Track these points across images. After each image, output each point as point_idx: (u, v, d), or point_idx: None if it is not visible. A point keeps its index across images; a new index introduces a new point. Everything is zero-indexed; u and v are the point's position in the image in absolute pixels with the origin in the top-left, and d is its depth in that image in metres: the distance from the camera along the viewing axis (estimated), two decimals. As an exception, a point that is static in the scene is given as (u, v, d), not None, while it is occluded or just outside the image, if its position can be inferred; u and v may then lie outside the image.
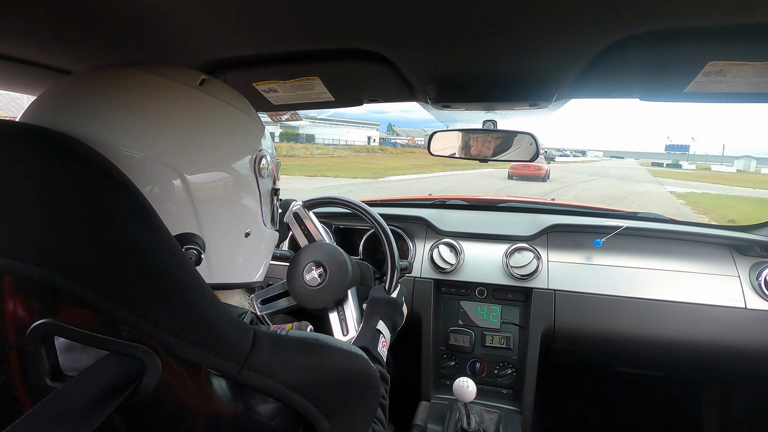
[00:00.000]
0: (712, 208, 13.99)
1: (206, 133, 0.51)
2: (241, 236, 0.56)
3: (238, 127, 0.56)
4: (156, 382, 0.37)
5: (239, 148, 0.55)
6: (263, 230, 0.61)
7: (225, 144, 0.53)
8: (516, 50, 0.73)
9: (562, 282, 1.35)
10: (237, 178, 0.54)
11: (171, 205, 0.47)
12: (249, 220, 0.57)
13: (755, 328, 1.20)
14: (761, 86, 0.75)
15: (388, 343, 0.98)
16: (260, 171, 0.58)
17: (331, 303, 1.16)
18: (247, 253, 0.59)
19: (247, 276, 0.60)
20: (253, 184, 0.57)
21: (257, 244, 0.60)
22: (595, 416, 1.90)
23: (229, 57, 0.83)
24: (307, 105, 1.07)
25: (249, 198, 0.57)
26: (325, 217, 1.63)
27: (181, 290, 0.38)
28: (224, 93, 0.56)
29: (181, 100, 0.50)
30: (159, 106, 0.48)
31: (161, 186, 0.46)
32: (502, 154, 1.15)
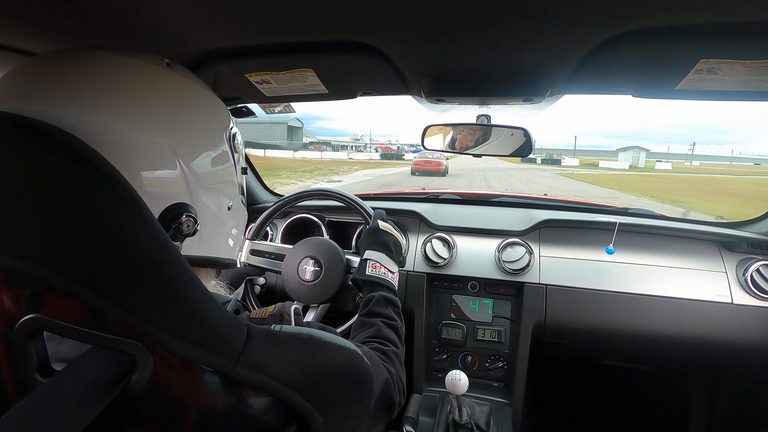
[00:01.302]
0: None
1: (187, 108, 0.53)
2: (225, 209, 0.59)
3: (211, 104, 0.58)
4: (148, 378, 0.36)
5: (216, 123, 0.58)
6: (240, 205, 0.64)
7: (204, 119, 0.56)
8: (511, 45, 0.73)
9: (554, 277, 1.36)
10: (220, 150, 0.57)
11: (165, 179, 0.48)
12: (230, 193, 0.60)
13: (741, 323, 1.22)
14: (751, 85, 0.76)
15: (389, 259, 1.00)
16: (235, 147, 0.61)
17: (325, 299, 1.16)
18: (229, 226, 0.61)
19: (230, 252, 0.62)
20: (230, 158, 0.60)
21: (237, 218, 0.63)
22: (584, 408, 1.93)
23: (221, 47, 0.82)
24: (300, 97, 1.06)
25: (229, 171, 0.59)
26: (318, 211, 1.63)
27: (173, 285, 0.38)
28: (189, 74, 0.57)
29: (157, 78, 0.52)
30: (139, 84, 0.49)
31: (154, 161, 0.47)
32: (494, 149, 1.16)
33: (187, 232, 0.50)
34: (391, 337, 0.81)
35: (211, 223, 0.56)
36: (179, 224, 0.49)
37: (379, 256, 0.99)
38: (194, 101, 0.55)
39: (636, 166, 56.20)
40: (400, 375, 0.74)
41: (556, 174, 30.47)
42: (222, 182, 0.58)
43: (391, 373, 0.70)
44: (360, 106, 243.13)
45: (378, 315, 0.86)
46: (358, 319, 0.88)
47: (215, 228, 0.57)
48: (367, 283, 0.94)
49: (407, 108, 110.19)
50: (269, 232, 1.64)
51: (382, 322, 0.84)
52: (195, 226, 0.50)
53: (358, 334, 0.83)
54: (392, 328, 0.84)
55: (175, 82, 0.53)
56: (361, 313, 0.89)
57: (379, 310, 0.87)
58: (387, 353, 0.75)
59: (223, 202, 0.58)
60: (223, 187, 0.58)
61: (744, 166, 73.29)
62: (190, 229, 0.50)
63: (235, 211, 0.62)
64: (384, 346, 0.77)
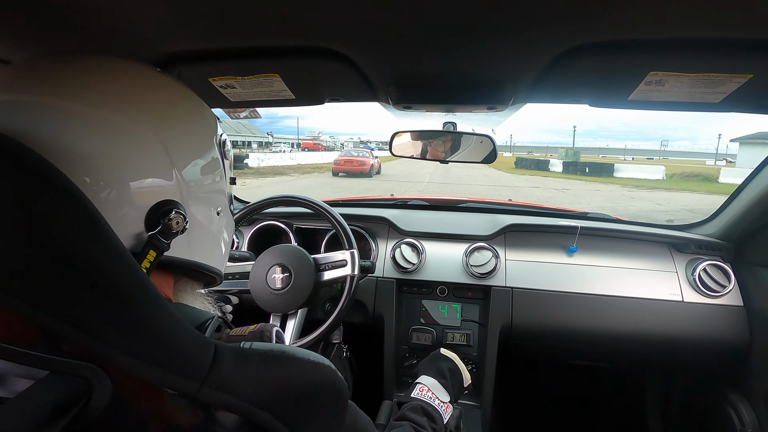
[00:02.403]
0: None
1: (181, 111, 0.53)
2: (214, 214, 0.58)
3: (203, 111, 0.58)
4: (105, 402, 0.34)
5: (208, 131, 0.57)
6: (228, 213, 0.63)
7: (197, 122, 0.55)
8: (475, 55, 0.75)
9: (519, 280, 1.40)
10: (211, 155, 0.56)
11: (155, 176, 0.47)
12: (220, 199, 0.59)
13: (690, 319, 1.30)
14: (695, 96, 0.82)
15: (441, 388, 0.96)
16: (225, 154, 0.60)
17: (293, 308, 1.14)
18: (216, 233, 0.59)
19: (216, 261, 0.60)
20: (220, 164, 0.59)
21: (225, 225, 0.61)
22: (550, 406, 1.98)
23: (183, 50, 0.80)
24: (266, 102, 1.05)
25: (219, 177, 0.58)
26: (286, 217, 1.60)
27: (133, 303, 0.36)
28: (178, 80, 0.57)
29: (150, 79, 0.51)
30: (137, 85, 0.49)
31: (145, 159, 0.46)
32: (460, 155, 1.18)
33: (177, 230, 0.48)
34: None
35: (200, 225, 0.54)
36: (169, 220, 0.47)
37: (431, 383, 0.94)
38: (187, 105, 0.55)
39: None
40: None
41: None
42: (212, 187, 0.57)
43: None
44: (329, 105, 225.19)
45: (409, 419, 0.82)
46: (390, 423, 0.84)
47: (204, 231, 0.56)
48: (407, 405, 0.89)
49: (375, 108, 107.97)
50: (235, 239, 1.60)
51: (411, 426, 0.80)
52: (185, 224, 0.48)
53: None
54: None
55: (171, 85, 0.54)
56: (393, 417, 0.85)
57: (411, 415, 0.83)
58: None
59: (213, 207, 0.57)
60: (213, 193, 0.57)
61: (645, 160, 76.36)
62: (179, 226, 0.48)
63: (224, 216, 0.60)
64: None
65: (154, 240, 0.46)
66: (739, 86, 0.77)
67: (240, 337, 0.50)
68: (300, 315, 1.16)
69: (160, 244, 0.46)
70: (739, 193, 1.31)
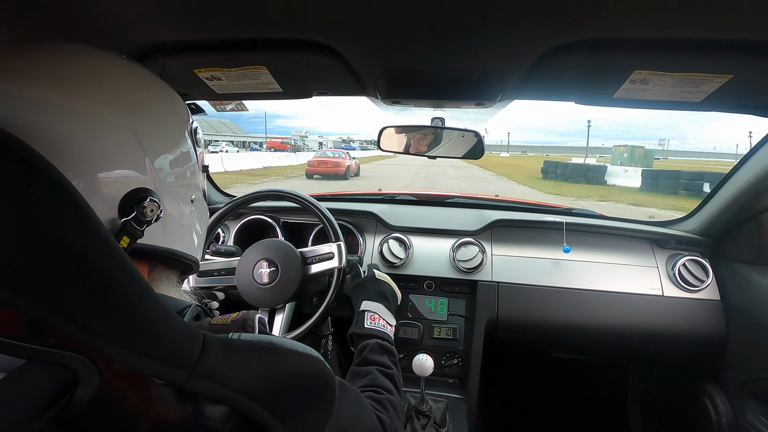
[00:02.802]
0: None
1: (152, 100, 0.53)
2: (188, 201, 0.58)
3: (173, 99, 0.58)
4: (92, 393, 0.34)
5: (180, 120, 0.57)
6: (202, 199, 0.63)
7: (169, 111, 0.55)
8: (464, 51, 0.76)
9: (505, 274, 1.41)
10: (183, 143, 0.56)
11: (129, 165, 0.47)
12: (193, 186, 0.59)
13: (670, 313, 1.33)
14: (677, 95, 0.84)
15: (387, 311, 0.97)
16: (197, 142, 0.60)
17: (281, 303, 1.14)
18: (191, 221, 0.59)
19: (192, 248, 0.60)
20: (193, 152, 0.59)
21: (199, 213, 0.62)
22: (534, 400, 2.02)
23: (168, 41, 0.78)
24: (253, 95, 1.04)
25: (193, 164, 0.58)
26: (272, 212, 1.59)
27: (120, 292, 0.35)
28: (145, 68, 0.57)
29: (123, 68, 0.51)
30: (109, 73, 0.49)
31: (118, 146, 0.45)
32: (448, 151, 1.18)
33: (151, 217, 0.47)
34: (386, 385, 0.78)
35: (175, 213, 0.54)
36: (143, 208, 0.46)
37: (377, 307, 0.95)
38: (159, 93, 0.55)
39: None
40: (395, 425, 0.71)
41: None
42: (186, 176, 0.56)
43: (384, 423, 0.67)
44: (321, 105, 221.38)
45: (373, 363, 0.83)
46: (351, 369, 0.84)
47: (179, 220, 0.56)
48: (362, 336, 0.91)
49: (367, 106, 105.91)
50: (221, 234, 1.58)
51: (377, 370, 0.81)
52: (159, 212, 0.48)
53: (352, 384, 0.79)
54: (388, 376, 0.81)
55: (143, 74, 0.53)
56: (355, 363, 0.85)
57: (374, 357, 0.84)
58: (381, 402, 0.72)
59: (188, 193, 0.57)
60: (187, 181, 0.57)
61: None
62: (153, 213, 0.47)
63: (198, 204, 0.60)
64: (378, 395, 0.74)
65: (128, 226, 0.45)
66: (720, 86, 0.79)
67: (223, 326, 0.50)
68: (288, 309, 1.16)
69: (134, 230, 0.46)
70: (717, 191, 1.35)
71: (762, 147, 1.15)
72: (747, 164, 1.21)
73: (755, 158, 1.18)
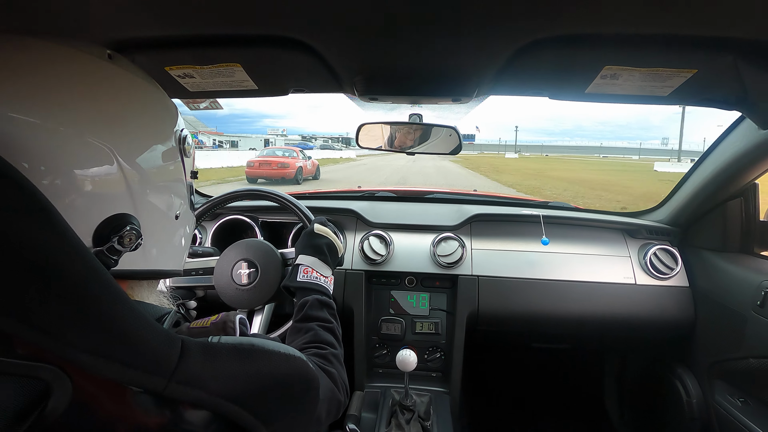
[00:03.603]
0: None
1: (131, 108, 0.48)
2: (172, 218, 0.54)
3: (158, 103, 0.53)
4: (66, 404, 0.33)
5: (164, 125, 0.53)
6: (189, 213, 0.60)
7: (150, 120, 0.51)
8: (439, 46, 0.76)
9: (485, 268, 1.44)
10: (168, 155, 0.52)
11: (104, 186, 0.43)
12: (179, 201, 0.56)
13: (642, 300, 1.38)
14: (646, 89, 0.87)
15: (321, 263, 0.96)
16: (185, 151, 0.56)
17: (260, 304, 1.12)
18: (177, 236, 0.57)
19: (175, 263, 0.57)
20: (179, 164, 0.55)
21: (185, 227, 0.59)
22: (515, 389, 2.06)
23: (136, 37, 0.76)
24: (228, 93, 1.01)
25: (178, 178, 0.55)
26: (251, 211, 1.57)
27: (93, 300, 0.34)
28: (134, 68, 0.52)
29: (97, 72, 0.46)
30: (72, 76, 0.44)
31: (88, 165, 0.42)
32: (425, 147, 1.19)
33: (129, 246, 0.45)
34: (328, 339, 0.79)
35: (156, 233, 0.51)
36: (120, 237, 0.44)
37: (311, 261, 0.95)
38: (140, 100, 0.50)
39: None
40: (342, 376, 0.73)
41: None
42: (169, 190, 0.53)
43: (333, 376, 0.69)
44: (310, 105, 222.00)
45: (313, 319, 0.84)
46: (292, 325, 0.85)
47: (160, 240, 0.53)
48: (299, 289, 0.91)
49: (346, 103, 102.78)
50: (198, 235, 1.55)
51: (318, 326, 0.82)
52: (138, 240, 0.46)
53: (294, 341, 0.80)
54: (329, 330, 0.82)
55: (120, 78, 0.48)
56: (295, 319, 0.86)
57: (314, 313, 0.85)
58: (326, 356, 0.74)
59: (171, 211, 0.54)
60: (171, 195, 0.53)
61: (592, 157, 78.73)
62: (132, 243, 0.45)
63: (183, 219, 0.57)
64: (322, 350, 0.75)
65: (100, 256, 0.43)
66: (685, 80, 0.82)
67: (202, 330, 0.49)
68: (267, 310, 1.14)
69: (107, 260, 0.44)
70: (684, 182, 1.40)
71: (724, 139, 1.20)
72: (711, 156, 1.26)
73: (719, 150, 1.23)
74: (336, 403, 0.66)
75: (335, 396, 0.66)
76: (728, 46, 0.72)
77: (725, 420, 1.20)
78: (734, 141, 1.16)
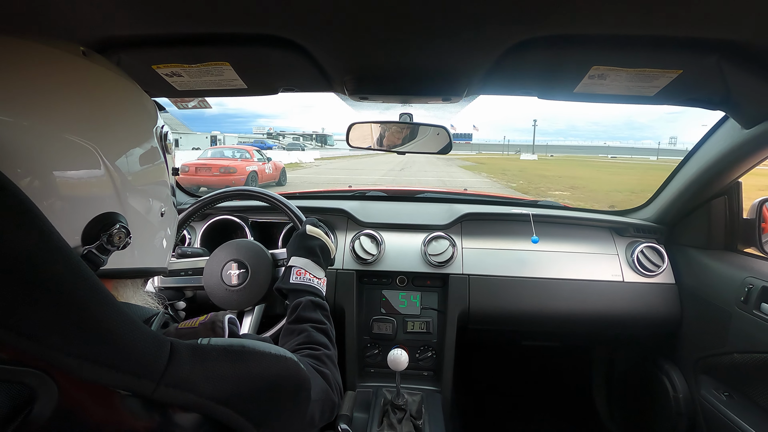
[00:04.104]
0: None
1: (113, 106, 0.48)
2: (158, 216, 0.54)
3: (139, 101, 0.53)
4: (51, 410, 0.32)
5: (144, 122, 0.53)
6: (173, 210, 0.60)
7: (130, 117, 0.51)
8: (430, 47, 0.76)
9: (475, 267, 1.44)
10: (150, 150, 0.52)
11: (91, 186, 0.43)
12: (164, 198, 0.55)
13: (630, 297, 1.40)
14: (633, 89, 0.88)
15: (315, 265, 0.96)
16: (167, 147, 0.56)
17: (249, 305, 1.11)
18: (162, 233, 0.56)
19: (161, 260, 0.57)
20: (162, 161, 0.55)
21: (170, 224, 0.59)
22: (506, 387, 2.08)
23: (122, 35, 0.75)
24: (217, 92, 1.00)
25: (162, 175, 0.55)
26: (240, 211, 1.56)
27: (78, 303, 0.33)
28: (110, 66, 0.51)
29: (74, 70, 0.46)
30: (47, 74, 0.43)
31: (70, 164, 0.41)
32: (414, 145, 1.19)
33: (118, 245, 0.44)
34: (321, 340, 0.79)
35: (142, 231, 0.51)
36: (110, 236, 0.43)
37: (304, 263, 0.95)
38: (118, 97, 0.49)
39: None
40: (336, 377, 0.73)
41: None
42: (153, 186, 0.53)
43: (327, 377, 0.69)
44: (304, 104, 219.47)
45: (307, 320, 0.84)
46: (286, 327, 0.85)
47: (147, 237, 0.52)
48: (292, 290, 0.91)
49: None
50: (187, 236, 1.53)
51: (311, 327, 0.82)
52: (127, 238, 0.45)
53: (288, 342, 0.80)
54: (322, 332, 0.82)
55: (98, 75, 0.48)
56: (288, 321, 0.86)
57: (307, 315, 0.85)
58: (319, 357, 0.74)
59: (156, 207, 0.53)
60: (155, 191, 0.53)
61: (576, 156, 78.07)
62: (121, 241, 0.45)
63: (168, 216, 0.57)
64: (315, 351, 0.75)
65: (90, 255, 0.42)
66: (671, 81, 0.83)
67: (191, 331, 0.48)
68: (257, 311, 1.13)
69: (96, 259, 0.43)
70: (670, 181, 1.42)
71: (709, 138, 1.22)
72: (696, 155, 1.28)
73: (703, 149, 1.25)
74: (330, 403, 0.66)
75: (329, 397, 0.66)
76: (712, 47, 0.73)
77: (711, 414, 1.22)
78: (718, 140, 1.18)
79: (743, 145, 1.09)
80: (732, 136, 1.12)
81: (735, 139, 1.10)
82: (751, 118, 0.98)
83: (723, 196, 1.30)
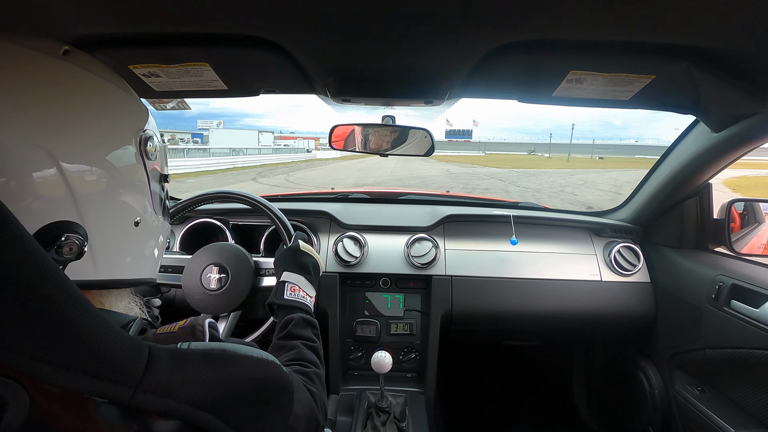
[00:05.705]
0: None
1: (79, 109, 0.45)
2: (129, 226, 0.51)
3: (116, 104, 0.51)
4: (22, 420, 0.31)
5: (120, 128, 0.50)
6: (153, 219, 0.57)
7: (103, 123, 0.48)
8: (411, 48, 0.77)
9: (458, 268, 1.46)
10: (121, 160, 0.49)
11: (42, 193, 0.41)
12: (137, 207, 0.52)
13: (607, 296, 1.44)
14: (608, 93, 0.90)
15: (307, 282, 0.96)
16: (147, 153, 0.53)
17: (226, 311, 1.09)
18: (137, 245, 0.53)
19: (137, 272, 0.54)
20: (140, 168, 0.52)
21: (148, 234, 0.56)
22: (488, 387, 2.10)
23: (96, 33, 0.73)
24: (196, 93, 0.99)
25: (136, 183, 0.52)
26: (221, 214, 1.53)
27: (52, 308, 0.32)
28: (94, 66, 0.49)
29: (44, 71, 0.44)
30: (17, 77, 0.41)
31: (28, 170, 0.40)
32: (399, 148, 1.20)
33: (69, 256, 0.42)
34: (312, 358, 0.79)
35: (110, 242, 0.48)
36: (59, 247, 0.41)
37: (297, 279, 0.94)
38: (93, 100, 0.47)
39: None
40: (323, 398, 0.73)
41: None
42: (125, 196, 0.50)
43: (315, 396, 0.68)
44: (292, 104, 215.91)
45: (298, 337, 0.83)
46: (275, 342, 0.84)
47: (117, 247, 0.50)
48: (284, 306, 0.90)
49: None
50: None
51: (302, 344, 0.81)
52: (81, 248, 0.43)
53: (277, 357, 0.79)
54: (312, 350, 0.81)
55: (72, 77, 0.46)
56: (278, 336, 0.85)
57: (298, 332, 0.84)
58: (309, 375, 0.73)
59: (128, 218, 0.51)
60: (127, 201, 0.50)
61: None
62: (72, 252, 0.42)
63: (146, 226, 0.54)
64: (305, 368, 0.75)
65: None
66: (644, 86, 0.86)
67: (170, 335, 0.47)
68: (232, 317, 1.11)
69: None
70: (645, 182, 1.47)
71: (681, 141, 1.27)
72: (669, 157, 1.33)
73: (676, 152, 1.30)
74: (314, 423, 0.65)
75: (314, 416, 0.65)
76: (682, 53, 0.76)
77: (684, 408, 1.26)
78: (689, 144, 1.22)
79: (713, 148, 1.13)
80: (702, 139, 1.16)
81: (705, 143, 1.15)
82: (719, 122, 1.02)
83: (695, 197, 1.34)
